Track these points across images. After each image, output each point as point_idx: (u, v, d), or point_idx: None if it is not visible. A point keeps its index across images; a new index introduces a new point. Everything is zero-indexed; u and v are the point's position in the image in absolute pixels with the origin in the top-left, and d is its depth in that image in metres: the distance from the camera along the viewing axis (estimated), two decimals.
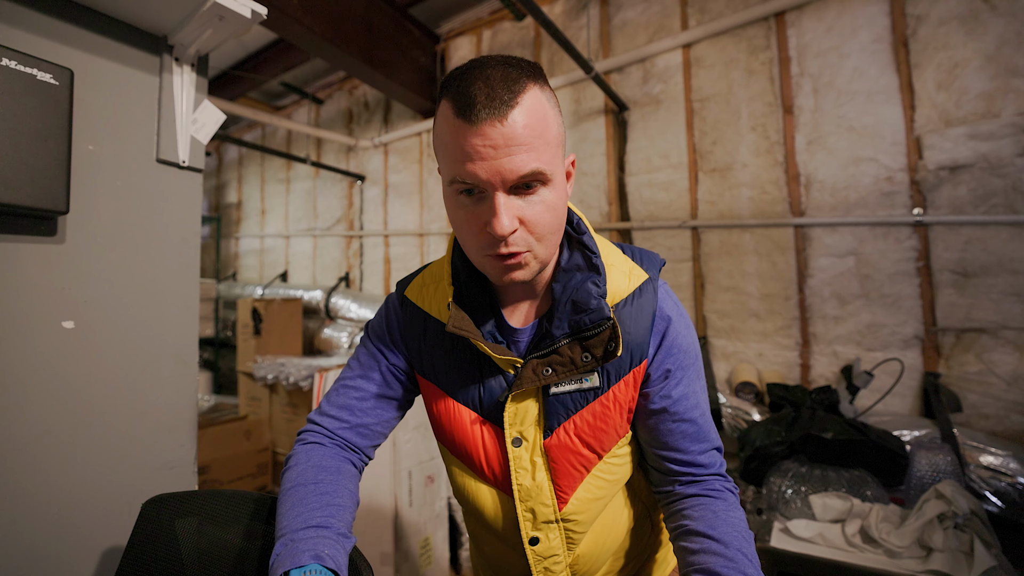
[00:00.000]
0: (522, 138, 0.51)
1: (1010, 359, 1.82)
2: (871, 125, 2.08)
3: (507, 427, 0.64)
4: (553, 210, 0.56)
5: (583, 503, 0.66)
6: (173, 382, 0.95)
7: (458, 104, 0.51)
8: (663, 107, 2.65)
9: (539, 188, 0.54)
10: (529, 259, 0.57)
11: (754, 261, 2.37)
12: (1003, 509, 1.57)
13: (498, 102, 0.50)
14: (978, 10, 1.88)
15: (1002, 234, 1.83)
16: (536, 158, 0.52)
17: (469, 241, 0.58)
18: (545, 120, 0.54)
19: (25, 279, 0.78)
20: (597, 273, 0.63)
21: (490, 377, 0.65)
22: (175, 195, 0.97)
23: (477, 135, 0.51)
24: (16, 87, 0.70)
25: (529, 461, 0.65)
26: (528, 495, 0.65)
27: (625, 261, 0.67)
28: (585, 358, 0.61)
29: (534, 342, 0.65)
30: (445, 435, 0.70)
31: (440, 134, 0.56)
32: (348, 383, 0.72)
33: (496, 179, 0.52)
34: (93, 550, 0.84)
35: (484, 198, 0.54)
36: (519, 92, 0.51)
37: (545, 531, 0.66)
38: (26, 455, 0.77)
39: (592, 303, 0.60)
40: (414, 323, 0.71)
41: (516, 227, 0.54)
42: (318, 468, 0.64)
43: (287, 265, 5.02)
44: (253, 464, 2.97)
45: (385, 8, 3.21)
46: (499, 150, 0.51)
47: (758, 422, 2.00)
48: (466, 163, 0.52)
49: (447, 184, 0.56)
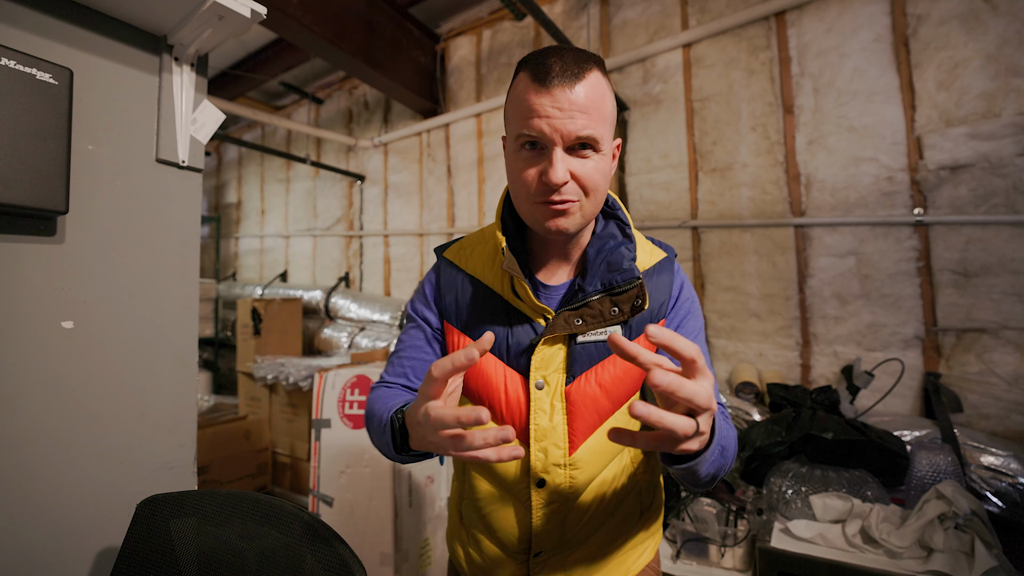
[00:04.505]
0: (583, 106, 0.61)
1: (1011, 359, 1.82)
2: (871, 125, 2.08)
3: (533, 370, 0.71)
4: (600, 172, 0.65)
5: (590, 452, 0.72)
6: (173, 382, 0.95)
7: (536, 72, 0.62)
8: (663, 107, 2.65)
9: (590, 152, 0.64)
10: (575, 209, 0.66)
11: (754, 261, 2.37)
12: (1004, 509, 1.57)
13: (569, 74, 0.61)
14: (979, 10, 1.88)
15: (1003, 234, 1.83)
16: (592, 126, 0.62)
17: (523, 190, 0.66)
18: (603, 99, 0.64)
19: (24, 279, 0.78)
20: (630, 241, 0.73)
21: (519, 327, 0.72)
22: (175, 195, 0.96)
23: (548, 96, 0.61)
24: (15, 87, 0.70)
25: (549, 404, 0.71)
26: (544, 435, 0.71)
27: (648, 243, 0.79)
28: (614, 312, 0.69)
29: (566, 298, 0.73)
30: (467, 384, 0.75)
31: (514, 98, 0.66)
32: (402, 354, 0.81)
33: (557, 136, 0.62)
34: (92, 551, 0.83)
35: (544, 153, 0.64)
36: (587, 71, 0.62)
37: (553, 473, 0.71)
38: (25, 455, 0.77)
39: (625, 264, 0.69)
40: (451, 280, 0.79)
41: (568, 179, 0.63)
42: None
43: (287, 265, 5.02)
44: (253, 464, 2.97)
45: (385, 8, 3.21)
46: (564, 112, 0.61)
47: (758, 422, 2.00)
48: (534, 119, 0.62)
49: (513, 140, 0.66)
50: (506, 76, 3.32)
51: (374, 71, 3.10)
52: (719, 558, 1.61)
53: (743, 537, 1.60)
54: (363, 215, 4.30)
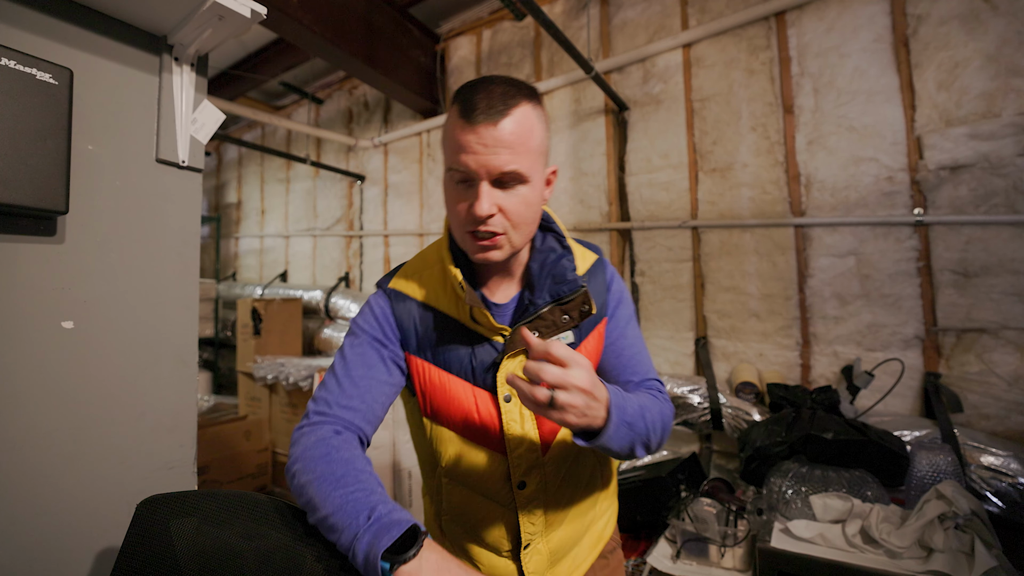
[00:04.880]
0: (508, 142, 0.64)
1: (1011, 359, 1.82)
2: (872, 125, 2.08)
3: (499, 386, 0.75)
4: (528, 205, 0.69)
5: (560, 448, 0.79)
6: (173, 382, 0.95)
7: (463, 107, 0.65)
8: (663, 107, 2.65)
9: (518, 185, 0.67)
10: (504, 242, 0.70)
11: (754, 261, 2.37)
12: (1004, 509, 1.57)
13: (493, 111, 0.63)
14: (979, 10, 1.88)
15: (1003, 234, 1.83)
16: (517, 160, 0.65)
17: (456, 220, 0.70)
18: (531, 132, 0.67)
19: (24, 279, 0.78)
20: (569, 252, 0.78)
21: (480, 348, 0.75)
22: (175, 195, 0.96)
23: (473, 133, 0.64)
24: (15, 87, 0.70)
25: (519, 414, 0.76)
26: (519, 443, 0.76)
27: (579, 247, 0.84)
28: (565, 319, 0.74)
29: (518, 313, 0.77)
30: (440, 408, 0.77)
31: (446, 131, 0.69)
32: (353, 373, 0.74)
33: (482, 171, 0.65)
34: (92, 551, 0.83)
35: (472, 186, 0.67)
36: (513, 106, 0.65)
37: (530, 475, 0.77)
38: (25, 455, 0.77)
39: (568, 275, 0.74)
40: (405, 310, 0.78)
41: (495, 212, 0.66)
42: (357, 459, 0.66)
43: (287, 265, 5.01)
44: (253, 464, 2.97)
45: (385, 8, 3.21)
46: (488, 148, 0.64)
47: (758, 422, 2.00)
48: (461, 155, 0.65)
49: (446, 172, 0.69)
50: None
51: (374, 71, 3.10)
52: (719, 558, 1.61)
53: (743, 537, 1.60)
54: (363, 215, 4.30)
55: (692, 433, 2.44)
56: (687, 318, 2.56)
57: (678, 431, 2.44)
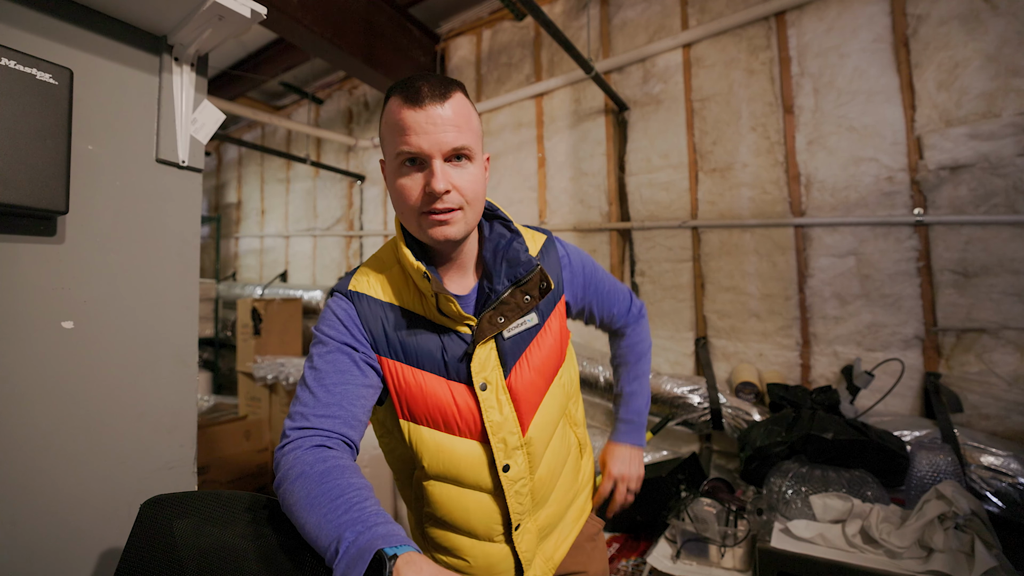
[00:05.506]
0: (454, 120, 0.68)
1: (1011, 359, 1.82)
2: (871, 125, 2.08)
3: (474, 375, 0.76)
4: (477, 181, 0.73)
5: (539, 428, 0.82)
6: (173, 382, 0.95)
7: (407, 94, 0.68)
8: (663, 107, 2.65)
9: (466, 163, 0.71)
10: (459, 218, 0.71)
11: (754, 261, 2.37)
12: (1004, 509, 1.57)
13: (438, 93, 0.68)
14: (979, 10, 1.88)
15: (1003, 234, 1.83)
16: (464, 137, 0.69)
17: (408, 205, 0.71)
18: (470, 116, 0.72)
19: (24, 279, 0.78)
20: (518, 235, 0.80)
21: (449, 341, 0.76)
22: (175, 195, 0.96)
23: (422, 112, 0.67)
24: (15, 87, 0.70)
25: (496, 400, 0.77)
26: (499, 428, 0.77)
27: (527, 230, 0.88)
28: (526, 299, 0.77)
29: (480, 302, 0.79)
30: (417, 406, 0.77)
31: (388, 121, 0.71)
32: (325, 381, 0.71)
33: (435, 149, 0.68)
34: (92, 551, 0.83)
35: (424, 166, 0.69)
36: (452, 92, 0.70)
37: (514, 457, 0.79)
38: (25, 456, 0.77)
39: (522, 256, 0.77)
40: (371, 312, 0.77)
41: (450, 188, 0.69)
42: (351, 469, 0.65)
43: (287, 265, 5.01)
44: (253, 464, 2.97)
45: (385, 8, 3.21)
46: (438, 126, 0.67)
47: (758, 422, 2.00)
48: (411, 136, 0.67)
49: (393, 159, 0.71)
50: (506, 76, 3.32)
51: (374, 71, 3.10)
52: (719, 558, 1.61)
53: (743, 537, 1.60)
54: (363, 215, 4.30)
55: (692, 433, 2.44)
56: (687, 318, 2.56)
57: (678, 431, 2.44)
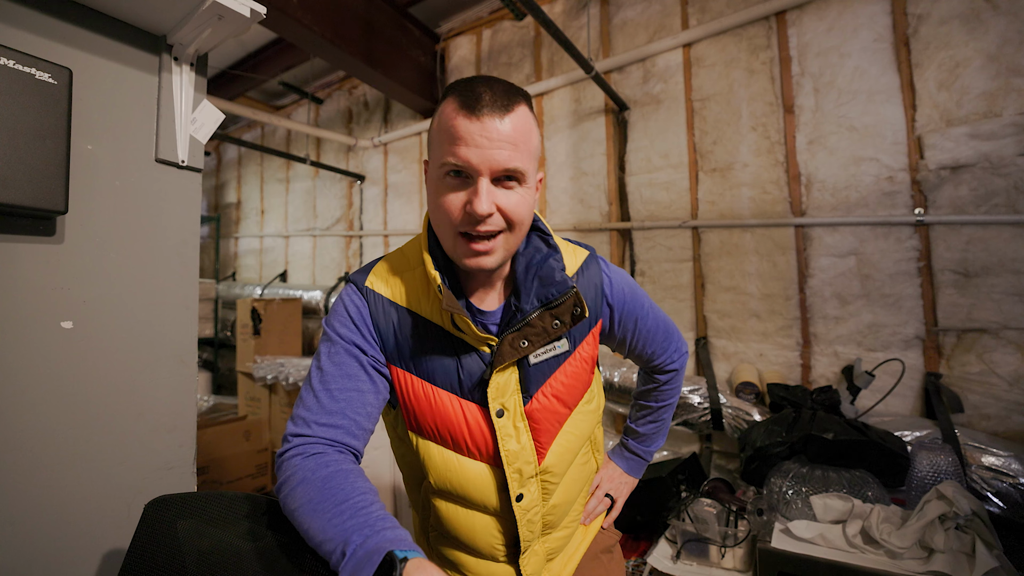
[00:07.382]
0: (511, 138, 0.61)
1: (1011, 359, 1.81)
2: (872, 125, 2.08)
3: (491, 400, 0.70)
4: (525, 205, 0.65)
5: (557, 456, 0.76)
6: (172, 382, 0.95)
7: (465, 99, 0.60)
8: (663, 107, 2.65)
9: (516, 185, 0.64)
10: (499, 245, 0.65)
11: (755, 261, 2.36)
12: (1005, 510, 1.57)
13: (499, 105, 0.60)
14: (980, 9, 1.87)
15: (1004, 234, 1.83)
16: (519, 158, 0.62)
17: (446, 219, 0.64)
18: (530, 133, 0.64)
19: (24, 279, 0.77)
20: (556, 251, 0.73)
21: (467, 358, 0.70)
22: (174, 195, 0.96)
23: (477, 123, 0.60)
24: (15, 86, 0.70)
25: (513, 427, 0.72)
26: (516, 458, 0.72)
27: (567, 244, 0.79)
28: (555, 325, 0.69)
29: (505, 320, 0.72)
30: (426, 421, 0.72)
31: (441, 123, 0.64)
32: (331, 386, 0.68)
33: (484, 166, 0.61)
34: (91, 551, 0.83)
35: (469, 182, 0.62)
36: (516, 104, 0.62)
37: (528, 486, 0.74)
38: (24, 455, 0.76)
39: (557, 276, 0.70)
40: (384, 316, 0.71)
41: (493, 211, 0.62)
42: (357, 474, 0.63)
43: (286, 265, 5.01)
44: (252, 465, 2.97)
45: (385, 7, 3.20)
46: (492, 142, 0.60)
47: (759, 422, 1.99)
48: (461, 147, 0.60)
49: (437, 167, 0.64)
50: (506, 76, 3.31)
51: (374, 71, 3.10)
52: (719, 558, 1.61)
53: (743, 537, 1.60)
54: (363, 215, 4.29)
55: (692, 433, 2.44)
56: (687, 318, 2.56)
57: (678, 431, 2.44)
